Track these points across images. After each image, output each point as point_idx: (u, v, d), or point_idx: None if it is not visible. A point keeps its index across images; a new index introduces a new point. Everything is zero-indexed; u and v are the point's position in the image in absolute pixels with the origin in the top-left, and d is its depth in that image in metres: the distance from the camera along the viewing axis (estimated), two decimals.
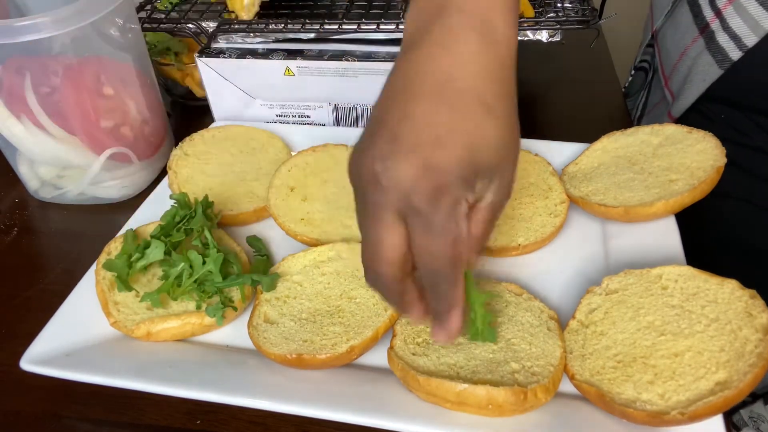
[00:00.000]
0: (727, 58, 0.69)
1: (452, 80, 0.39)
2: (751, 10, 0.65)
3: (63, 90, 0.66)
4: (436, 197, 0.38)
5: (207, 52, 0.78)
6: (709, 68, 0.71)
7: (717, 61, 0.70)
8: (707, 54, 0.71)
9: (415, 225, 0.39)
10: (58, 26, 0.60)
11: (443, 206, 0.38)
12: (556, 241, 0.63)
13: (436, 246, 0.39)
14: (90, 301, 0.57)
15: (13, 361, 0.52)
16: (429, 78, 0.39)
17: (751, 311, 0.47)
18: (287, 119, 0.83)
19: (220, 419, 0.51)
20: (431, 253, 0.39)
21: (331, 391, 0.49)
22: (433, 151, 0.37)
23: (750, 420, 0.75)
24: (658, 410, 0.44)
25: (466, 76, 0.39)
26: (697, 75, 0.74)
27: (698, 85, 0.74)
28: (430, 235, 0.38)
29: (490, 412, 0.45)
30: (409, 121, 0.38)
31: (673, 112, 0.81)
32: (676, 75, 0.80)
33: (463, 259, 0.40)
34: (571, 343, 0.51)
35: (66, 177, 0.74)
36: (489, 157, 0.39)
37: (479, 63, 0.40)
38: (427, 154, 0.37)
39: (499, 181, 0.41)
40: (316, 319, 0.54)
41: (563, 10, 0.74)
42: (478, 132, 0.38)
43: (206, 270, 0.55)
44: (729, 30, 0.68)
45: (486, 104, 0.39)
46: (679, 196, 0.58)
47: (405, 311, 0.44)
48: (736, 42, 0.67)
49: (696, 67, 0.74)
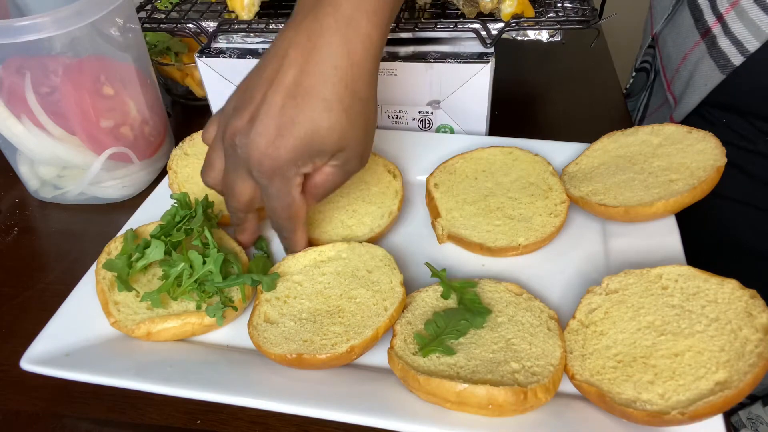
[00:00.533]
0: (729, 63, 0.69)
1: (304, 78, 0.49)
2: (753, 15, 0.65)
3: (63, 90, 0.66)
4: (272, 175, 0.51)
5: (207, 51, 0.78)
6: (711, 73, 0.71)
7: (719, 66, 0.70)
8: (709, 59, 0.71)
9: (262, 189, 0.53)
10: (58, 26, 0.60)
11: (277, 182, 0.51)
12: (557, 241, 0.63)
13: (273, 206, 0.54)
14: (90, 301, 0.57)
15: (14, 360, 0.52)
16: (289, 71, 0.49)
17: (751, 311, 0.47)
18: None
19: (221, 419, 0.51)
20: (272, 210, 0.54)
21: (331, 391, 0.49)
22: (275, 140, 0.49)
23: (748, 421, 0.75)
24: (658, 410, 0.44)
25: (316, 76, 0.49)
26: (699, 80, 0.74)
27: (700, 89, 0.74)
28: (269, 199, 0.53)
29: (491, 412, 0.45)
30: (265, 106, 0.49)
31: (676, 117, 0.81)
32: (678, 79, 0.79)
33: (299, 215, 0.55)
34: (572, 343, 0.51)
35: (66, 177, 0.75)
36: (323, 146, 0.50)
37: (332, 65, 0.49)
38: (270, 141, 0.49)
39: (341, 158, 0.52)
40: (317, 318, 0.54)
41: (563, 10, 0.74)
42: (315, 126, 0.49)
43: (206, 270, 0.55)
44: (731, 35, 0.68)
45: (326, 101, 0.49)
46: (679, 196, 0.58)
47: (240, 233, 0.61)
48: (737, 47, 0.67)
49: (698, 72, 0.74)
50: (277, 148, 0.49)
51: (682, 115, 0.79)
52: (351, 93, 0.50)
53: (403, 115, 0.79)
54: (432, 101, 0.77)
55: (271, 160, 0.50)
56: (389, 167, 0.70)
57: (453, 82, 0.74)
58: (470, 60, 0.72)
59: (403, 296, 0.54)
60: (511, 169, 0.69)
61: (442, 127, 0.79)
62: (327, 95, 0.49)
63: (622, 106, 0.90)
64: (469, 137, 0.76)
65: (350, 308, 0.54)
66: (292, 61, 0.49)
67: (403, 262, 0.63)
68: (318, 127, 0.49)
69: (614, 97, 0.91)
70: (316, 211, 0.66)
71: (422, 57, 0.74)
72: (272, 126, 0.49)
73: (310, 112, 0.49)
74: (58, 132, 0.68)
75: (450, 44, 0.75)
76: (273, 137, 0.49)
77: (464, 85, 0.74)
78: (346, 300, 0.55)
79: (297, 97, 0.49)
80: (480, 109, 0.76)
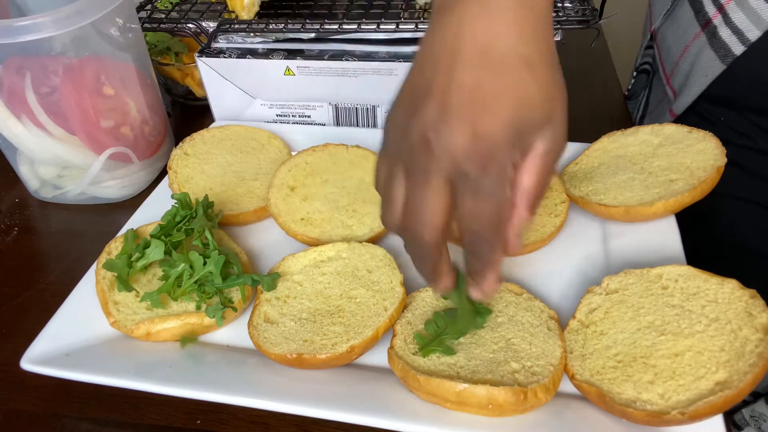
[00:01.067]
0: (730, 53, 0.69)
1: (493, 42, 0.39)
2: (753, 4, 0.65)
3: (63, 90, 0.66)
4: (486, 164, 0.39)
5: (207, 51, 0.78)
6: (712, 63, 0.71)
7: (719, 57, 0.70)
8: (709, 49, 0.71)
9: (464, 190, 0.40)
10: (58, 26, 0.60)
11: (492, 172, 0.39)
12: (557, 240, 0.63)
13: (482, 209, 0.40)
14: (90, 300, 0.57)
15: (14, 360, 0.52)
16: (470, 41, 0.40)
17: (751, 311, 0.47)
18: (287, 119, 0.83)
19: (221, 419, 0.51)
20: (477, 217, 0.41)
21: (331, 390, 0.49)
22: (482, 118, 0.39)
23: (752, 419, 0.75)
24: (658, 410, 0.44)
25: (507, 36, 0.39)
26: (699, 71, 0.74)
27: (700, 80, 0.74)
28: (478, 200, 0.40)
29: (491, 411, 0.45)
30: (455, 88, 0.39)
31: (675, 110, 0.81)
32: (678, 72, 0.79)
33: (506, 221, 0.42)
34: (572, 343, 0.51)
35: (66, 177, 0.75)
36: (535, 114, 0.40)
37: (517, 20, 0.40)
38: (477, 121, 0.39)
39: (549, 131, 0.41)
40: (317, 318, 0.54)
41: (563, 10, 0.74)
42: (523, 92, 0.39)
43: (207, 271, 0.55)
44: (731, 24, 0.68)
45: (528, 63, 0.39)
46: (679, 196, 0.58)
47: (436, 279, 0.46)
48: (738, 36, 0.67)
49: (698, 63, 0.74)
50: (490, 125, 0.39)
51: (681, 107, 0.79)
52: (548, 52, 0.41)
53: None
54: None
55: (485, 142, 0.39)
56: None
57: None
58: None
59: (403, 296, 0.54)
60: None
61: None
62: (523, 50, 0.39)
63: (622, 106, 0.90)
64: None
65: (350, 308, 0.54)
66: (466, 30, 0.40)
67: (404, 262, 0.62)
68: (527, 91, 0.39)
69: (614, 97, 0.91)
70: (315, 210, 0.66)
71: None
72: (474, 104, 0.39)
73: (512, 75, 0.39)
74: (58, 132, 0.68)
75: None
76: (480, 116, 0.39)
77: None
78: (346, 300, 0.55)
79: (493, 65, 0.39)
80: None
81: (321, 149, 0.72)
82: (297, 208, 0.66)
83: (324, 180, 0.69)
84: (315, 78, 0.77)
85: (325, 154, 0.72)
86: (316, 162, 0.71)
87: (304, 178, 0.69)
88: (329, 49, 0.77)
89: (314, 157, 0.71)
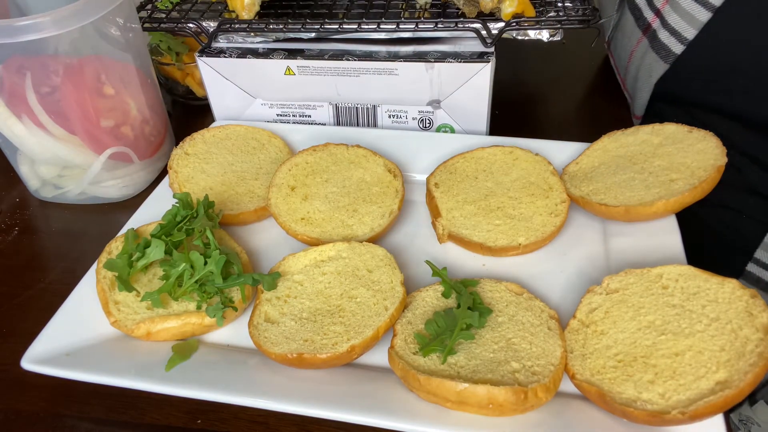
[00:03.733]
0: (671, 53, 0.72)
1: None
2: (686, 6, 0.68)
3: (63, 89, 0.66)
4: None
5: (207, 51, 0.78)
6: (655, 64, 0.75)
7: (661, 57, 0.73)
8: (652, 51, 0.75)
9: None
10: (59, 26, 0.60)
11: None
12: (557, 240, 0.63)
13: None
14: (90, 300, 0.57)
15: (14, 360, 0.52)
16: None
17: (751, 311, 0.47)
18: (288, 119, 0.83)
19: (221, 418, 0.51)
20: None
21: (331, 390, 0.49)
22: None
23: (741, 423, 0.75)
24: (658, 409, 0.44)
25: None
26: (645, 72, 0.78)
27: (646, 81, 0.78)
28: None
29: (491, 411, 0.45)
30: None
31: (635, 112, 0.85)
32: (628, 76, 0.83)
33: None
34: (572, 343, 0.51)
35: (66, 176, 0.75)
36: None
37: None
38: None
39: None
40: (317, 318, 0.54)
41: (564, 10, 0.74)
42: None
43: (207, 270, 0.55)
44: (668, 26, 0.71)
45: None
46: (679, 196, 0.58)
47: None
48: (676, 37, 0.71)
49: (643, 66, 0.77)
50: None
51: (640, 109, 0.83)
52: None
53: (403, 115, 0.79)
54: (432, 101, 0.77)
55: None
56: (390, 167, 0.70)
57: (453, 81, 0.74)
58: (471, 59, 0.72)
59: (403, 296, 0.54)
60: (511, 169, 0.69)
61: (443, 127, 0.79)
62: None
63: (623, 106, 0.90)
64: (470, 137, 0.76)
65: (351, 308, 0.54)
66: None
67: (404, 262, 0.63)
68: None
69: (614, 97, 0.91)
70: (316, 210, 0.66)
71: (423, 56, 0.74)
72: None
73: None
74: (59, 132, 0.68)
75: (450, 44, 0.75)
76: None
77: (465, 85, 0.74)
78: (347, 299, 0.55)
79: None
80: (480, 109, 0.76)
81: (321, 149, 0.72)
82: (297, 208, 0.66)
83: (324, 180, 0.69)
84: (315, 78, 0.77)
85: (326, 153, 0.72)
86: (316, 162, 0.71)
87: (305, 178, 0.69)
88: (329, 48, 0.77)
89: (314, 157, 0.71)
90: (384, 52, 0.76)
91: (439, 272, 0.55)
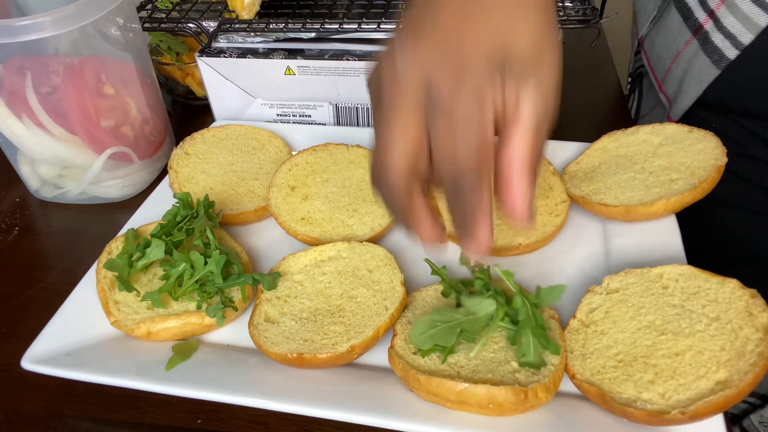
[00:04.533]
0: (724, 57, 0.69)
1: None
2: (745, 9, 0.65)
3: (64, 89, 0.66)
4: (458, 79, 0.34)
5: (208, 51, 0.78)
6: (707, 69, 0.72)
7: (713, 61, 0.70)
8: (703, 55, 0.71)
9: (436, 119, 0.35)
10: (59, 26, 0.60)
11: (466, 91, 0.34)
12: (557, 240, 0.63)
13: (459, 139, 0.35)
14: (91, 300, 0.57)
15: (14, 360, 0.52)
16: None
17: (751, 310, 0.47)
18: (288, 119, 0.83)
19: (221, 418, 0.51)
20: (454, 151, 0.35)
21: (331, 390, 0.49)
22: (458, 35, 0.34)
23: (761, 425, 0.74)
24: (658, 409, 0.44)
25: None
26: (693, 77, 0.74)
27: (695, 86, 0.74)
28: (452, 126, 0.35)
29: (491, 411, 0.45)
30: (432, 21, 0.35)
31: (673, 116, 0.81)
32: (671, 78, 0.79)
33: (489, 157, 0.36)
34: (572, 343, 0.51)
35: (67, 176, 0.75)
36: (519, 48, 0.35)
37: None
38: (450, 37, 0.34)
39: (536, 83, 0.36)
40: (317, 318, 0.54)
41: (564, 10, 0.74)
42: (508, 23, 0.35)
43: (208, 270, 0.55)
44: (723, 29, 0.68)
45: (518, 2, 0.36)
46: (679, 196, 0.58)
47: (412, 227, 0.41)
48: (731, 41, 0.67)
49: (692, 69, 0.74)
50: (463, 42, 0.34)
51: (679, 113, 0.79)
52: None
53: None
54: None
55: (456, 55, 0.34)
56: None
57: None
58: None
59: (403, 295, 0.54)
60: None
61: None
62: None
63: (623, 106, 0.90)
64: None
65: (351, 307, 0.54)
66: None
67: (404, 262, 0.63)
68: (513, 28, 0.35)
69: (615, 97, 0.91)
70: (316, 210, 0.66)
71: None
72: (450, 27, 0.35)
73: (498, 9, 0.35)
74: (59, 131, 0.68)
75: None
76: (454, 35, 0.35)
77: None
78: (347, 299, 0.55)
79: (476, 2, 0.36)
80: None
81: (321, 149, 0.72)
82: (297, 208, 0.66)
83: (324, 179, 0.69)
84: (315, 77, 0.77)
85: (326, 153, 0.72)
86: (316, 161, 0.71)
87: (305, 178, 0.69)
88: (330, 48, 0.77)
89: (315, 157, 0.71)
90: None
91: (439, 271, 0.55)
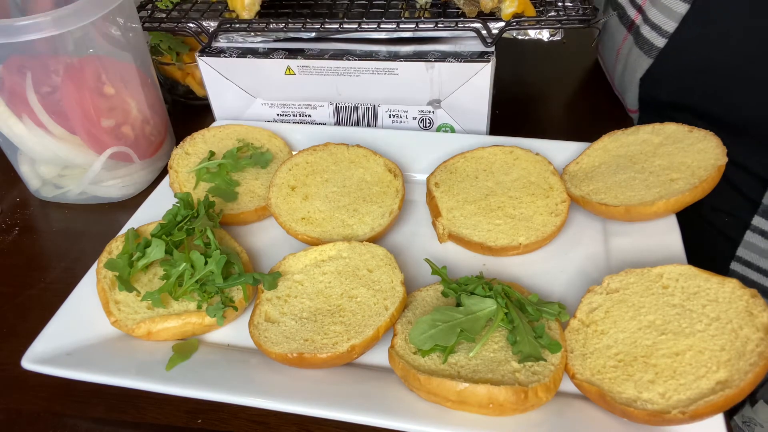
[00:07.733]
0: (654, 47, 0.73)
1: None
2: (664, 0, 0.70)
3: (64, 89, 0.66)
4: None
5: (208, 51, 0.78)
6: (640, 60, 0.76)
7: (644, 51, 0.75)
8: (636, 48, 0.76)
9: None
10: (59, 26, 0.60)
11: None
12: (557, 240, 0.63)
13: None
14: (91, 300, 0.57)
15: (15, 359, 0.52)
16: None
17: (751, 310, 0.47)
18: (288, 118, 0.83)
19: (221, 418, 0.51)
20: None
21: (332, 390, 0.49)
22: None
23: (744, 425, 0.75)
24: (658, 409, 0.44)
25: None
26: (630, 69, 0.79)
27: (633, 77, 0.79)
28: None
29: (491, 411, 0.45)
30: None
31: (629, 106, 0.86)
32: (617, 75, 0.84)
33: None
34: (572, 342, 0.51)
35: (67, 176, 0.75)
36: None
37: None
38: None
39: None
40: (317, 318, 0.54)
41: (564, 9, 0.74)
42: None
43: (208, 270, 0.55)
44: (649, 21, 0.72)
45: None
46: (680, 195, 0.58)
47: None
48: (657, 31, 0.72)
49: (629, 63, 0.79)
50: None
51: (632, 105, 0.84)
52: None
53: (403, 115, 0.79)
54: (433, 100, 0.77)
55: None
56: (390, 166, 0.70)
57: (454, 81, 0.74)
58: (471, 59, 0.72)
59: (403, 295, 0.54)
60: (511, 169, 0.69)
61: (443, 127, 0.79)
62: None
63: (623, 106, 0.90)
64: (470, 136, 0.76)
65: (351, 307, 0.54)
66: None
67: (404, 262, 0.63)
68: None
69: (615, 97, 0.91)
70: (316, 210, 0.66)
71: (423, 56, 0.74)
72: None
73: None
74: (59, 131, 0.68)
75: (451, 43, 0.75)
76: None
77: (465, 85, 0.74)
78: (347, 299, 0.55)
79: None
80: (481, 109, 0.76)
81: (322, 149, 0.72)
82: (298, 208, 0.66)
83: (325, 179, 0.69)
84: (315, 77, 0.77)
85: (326, 153, 0.72)
86: (316, 161, 0.71)
87: (305, 178, 0.69)
88: (330, 48, 0.77)
89: (315, 157, 0.71)
90: (384, 52, 0.76)
91: (439, 271, 0.55)
